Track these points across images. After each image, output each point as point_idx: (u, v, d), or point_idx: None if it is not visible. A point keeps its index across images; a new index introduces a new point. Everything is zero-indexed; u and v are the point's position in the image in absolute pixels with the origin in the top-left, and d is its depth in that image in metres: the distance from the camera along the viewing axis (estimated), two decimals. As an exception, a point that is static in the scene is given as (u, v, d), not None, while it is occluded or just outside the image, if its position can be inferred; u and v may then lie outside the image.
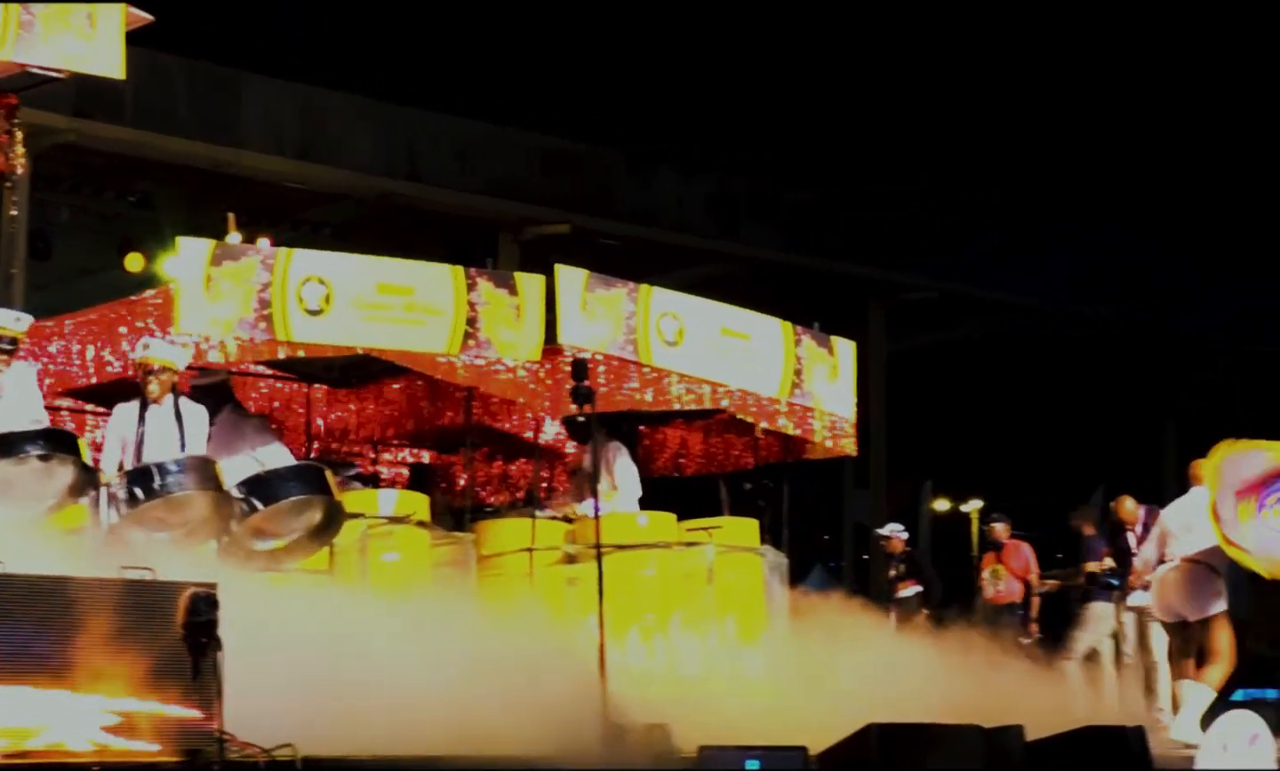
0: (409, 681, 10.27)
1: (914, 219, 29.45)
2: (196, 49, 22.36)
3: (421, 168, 24.48)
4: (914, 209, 29.43)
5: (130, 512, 10.56)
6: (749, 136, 29.14)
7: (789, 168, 28.54)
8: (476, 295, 13.48)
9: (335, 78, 24.17)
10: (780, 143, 29.45)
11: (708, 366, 14.64)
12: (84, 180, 22.94)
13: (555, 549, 13.70)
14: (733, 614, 13.94)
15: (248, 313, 12.62)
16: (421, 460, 16.18)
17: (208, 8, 23.27)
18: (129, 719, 8.41)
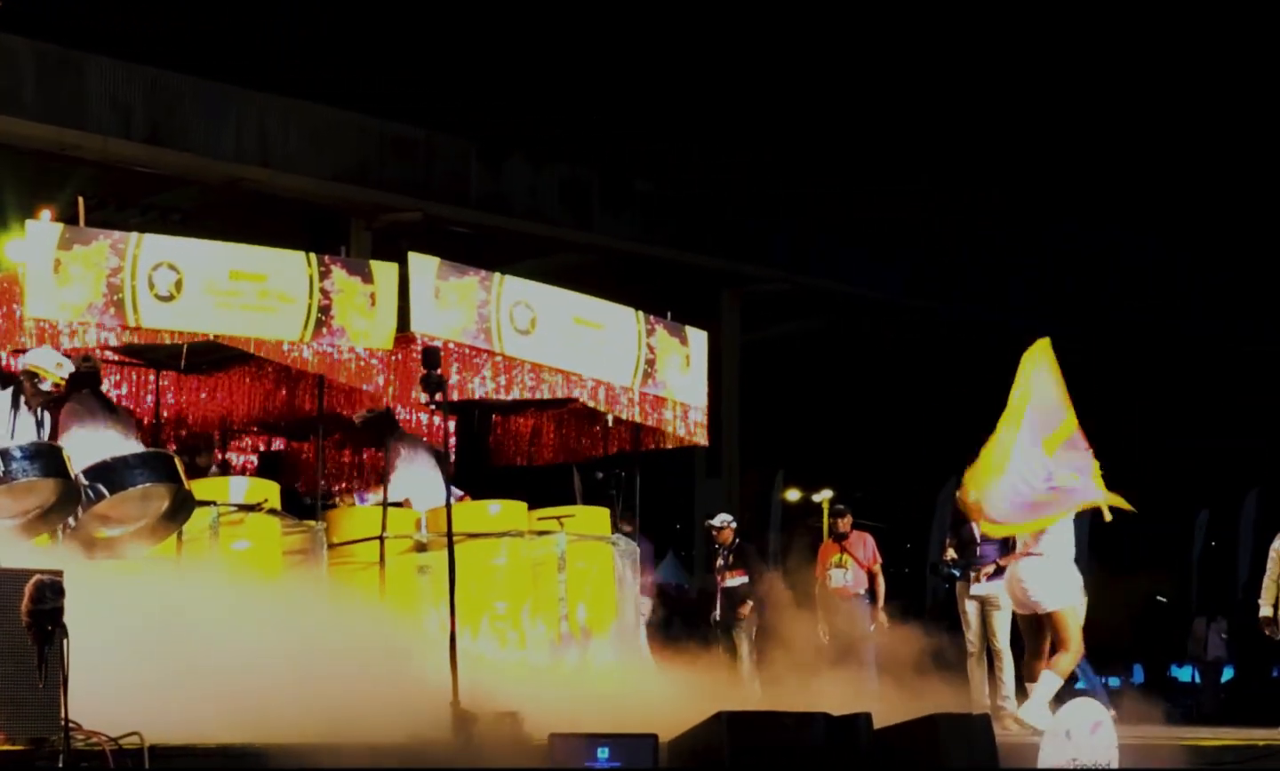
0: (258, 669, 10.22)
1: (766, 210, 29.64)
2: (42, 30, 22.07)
3: (273, 153, 24.34)
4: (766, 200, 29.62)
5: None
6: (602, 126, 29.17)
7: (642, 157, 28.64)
8: (330, 283, 13.41)
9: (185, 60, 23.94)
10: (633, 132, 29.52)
11: (560, 355, 14.63)
12: (-73, 163, 22.61)
13: (406, 536, 13.66)
14: (584, 602, 13.97)
15: (98, 298, 12.50)
16: (272, 448, 16.07)
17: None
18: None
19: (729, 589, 19.21)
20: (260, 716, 9.43)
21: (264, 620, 12.08)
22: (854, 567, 19.28)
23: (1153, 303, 33.48)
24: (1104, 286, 33.53)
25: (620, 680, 13.71)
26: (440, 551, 12.29)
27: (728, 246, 28.97)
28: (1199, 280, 34.27)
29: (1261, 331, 32.89)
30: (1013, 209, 32.31)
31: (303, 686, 9.98)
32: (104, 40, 23.40)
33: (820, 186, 30.34)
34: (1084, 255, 33.33)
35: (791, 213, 29.96)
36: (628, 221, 27.78)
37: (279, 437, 15.99)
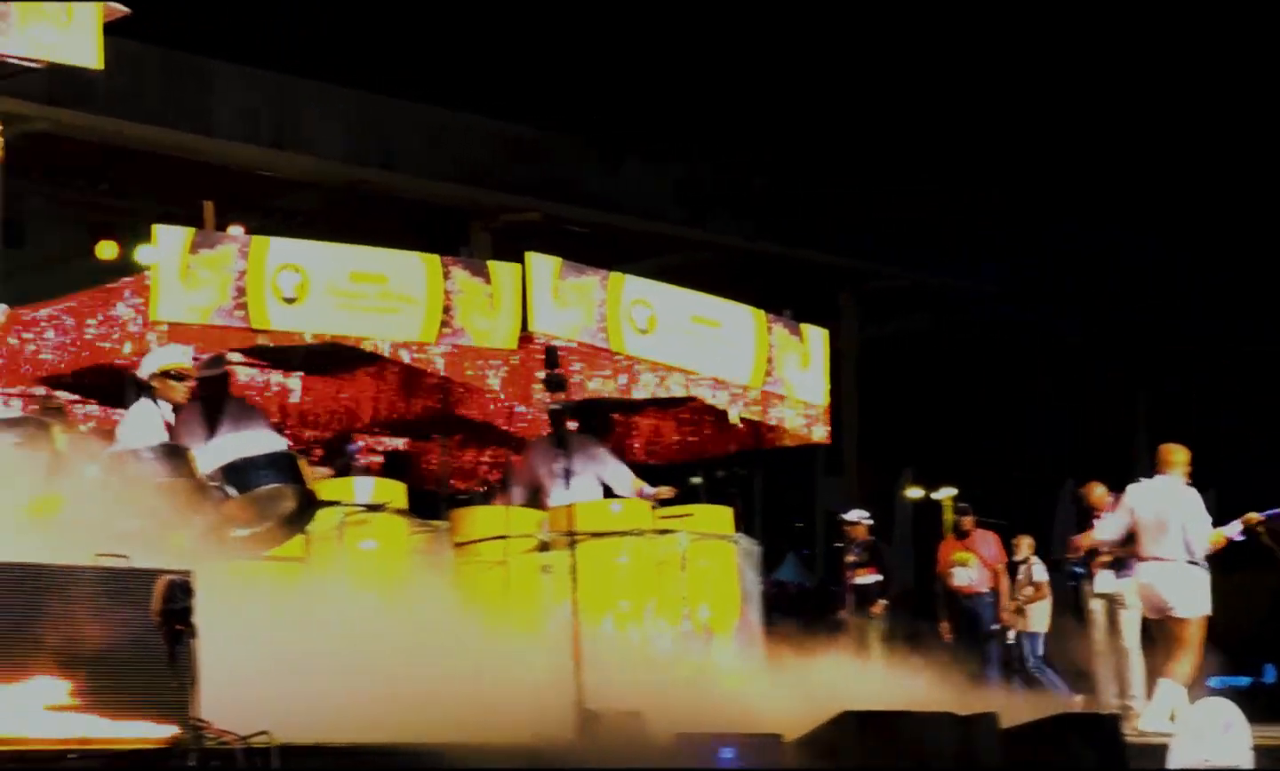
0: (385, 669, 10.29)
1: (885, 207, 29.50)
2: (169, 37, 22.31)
3: (393, 155, 24.48)
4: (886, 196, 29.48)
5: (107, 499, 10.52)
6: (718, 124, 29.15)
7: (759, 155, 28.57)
8: (451, 283, 13.50)
9: (307, 65, 24.13)
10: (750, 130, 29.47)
11: (679, 354, 14.66)
12: (57, 168, 22.88)
13: (529, 536, 13.70)
14: (706, 601, 13.96)
15: (225, 300, 12.63)
16: (396, 448, 16.18)
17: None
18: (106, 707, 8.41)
19: (860, 586, 19.14)
20: (387, 716, 9.50)
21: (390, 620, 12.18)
22: (978, 566, 19.17)
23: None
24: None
25: (744, 679, 13.69)
26: (563, 551, 12.33)
27: (846, 243, 28.86)
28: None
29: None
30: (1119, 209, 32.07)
31: (429, 686, 10.05)
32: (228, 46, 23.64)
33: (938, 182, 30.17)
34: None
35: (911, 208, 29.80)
36: (745, 219, 27.72)
37: (403, 438, 16.10)
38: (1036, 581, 19.57)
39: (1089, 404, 34.34)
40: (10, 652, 8.32)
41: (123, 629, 8.57)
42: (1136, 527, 14.55)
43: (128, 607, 8.62)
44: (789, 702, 12.09)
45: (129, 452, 10.82)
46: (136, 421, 11.57)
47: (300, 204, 24.94)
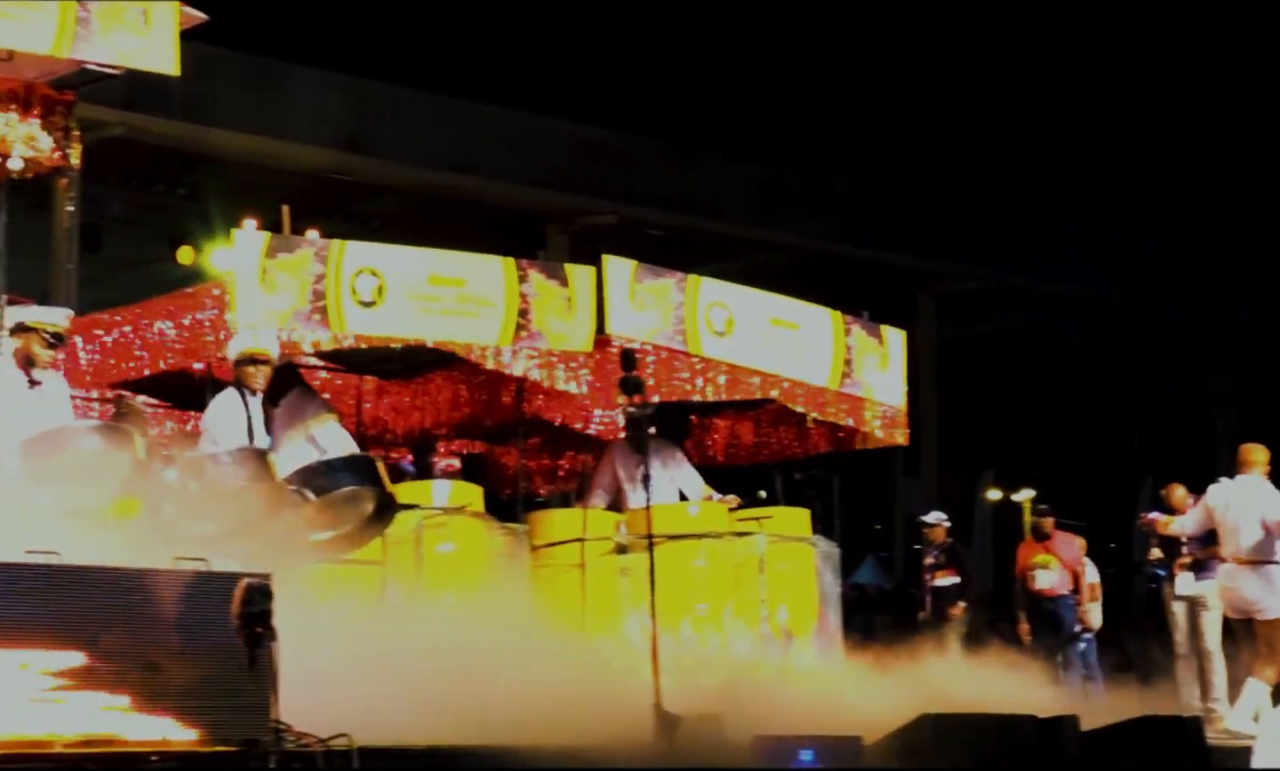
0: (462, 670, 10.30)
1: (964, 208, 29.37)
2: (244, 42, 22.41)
3: (470, 159, 24.52)
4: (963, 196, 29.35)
5: (185, 503, 10.56)
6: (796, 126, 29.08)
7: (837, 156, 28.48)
8: (528, 286, 13.52)
9: (384, 69, 24.20)
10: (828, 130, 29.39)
11: (757, 356, 14.64)
12: (134, 174, 23.04)
13: (607, 539, 13.71)
14: (784, 603, 13.92)
15: (303, 304, 12.67)
16: (474, 451, 16.21)
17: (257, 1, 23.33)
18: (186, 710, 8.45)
19: (939, 588, 19.04)
20: (465, 718, 9.51)
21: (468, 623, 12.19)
22: (1059, 568, 19.05)
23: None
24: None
25: (823, 681, 13.65)
26: (641, 553, 12.30)
27: (924, 244, 28.75)
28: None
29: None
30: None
31: (507, 688, 10.05)
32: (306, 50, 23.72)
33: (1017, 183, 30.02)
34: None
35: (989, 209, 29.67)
36: (823, 221, 27.65)
37: (481, 441, 16.13)
38: (1089, 583, 19.46)
39: (1168, 405, 34.10)
40: (92, 655, 8.37)
41: (203, 632, 8.62)
42: (1217, 528, 14.48)
43: (208, 611, 8.67)
44: (868, 705, 12.04)
45: (208, 456, 10.85)
46: (218, 408, 11.60)
47: (377, 208, 25.02)
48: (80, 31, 11.39)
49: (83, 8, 11.38)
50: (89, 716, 8.29)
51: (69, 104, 11.89)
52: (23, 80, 11.71)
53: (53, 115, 11.81)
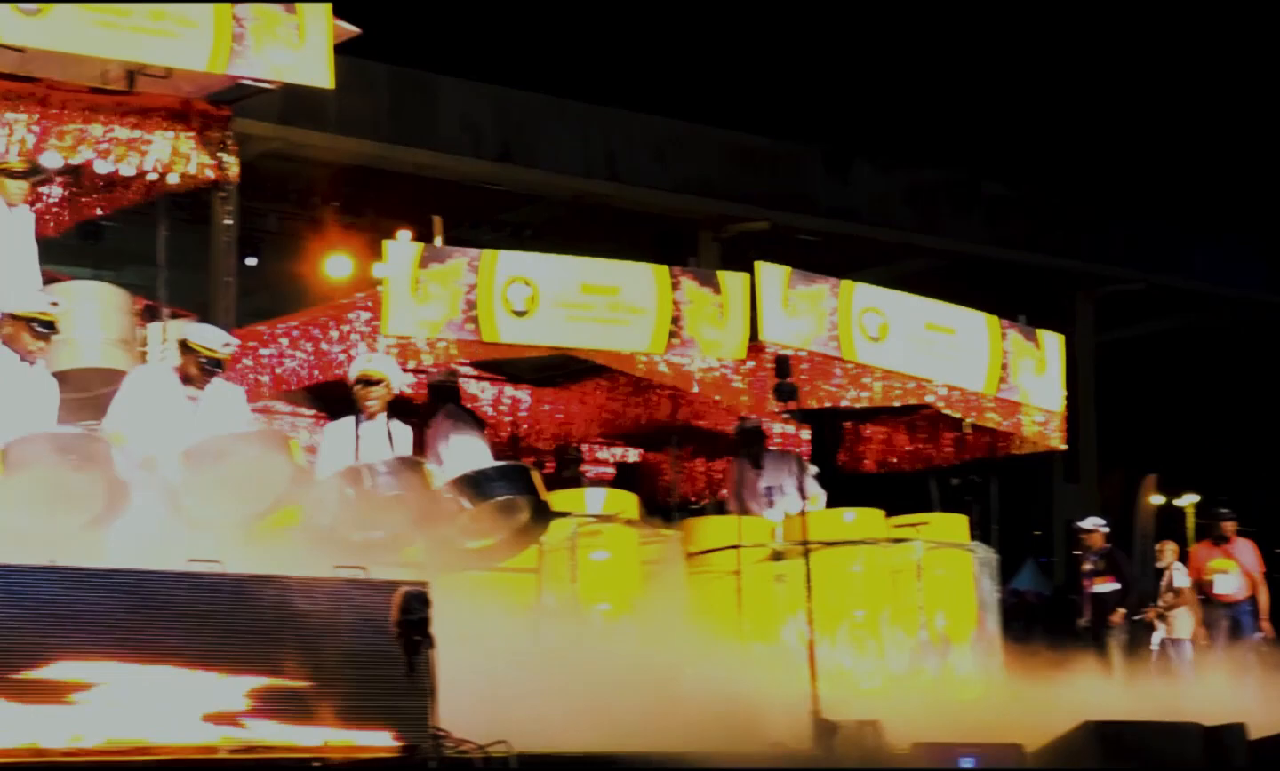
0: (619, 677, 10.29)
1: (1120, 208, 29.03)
2: (398, 54, 22.59)
3: (620, 167, 24.54)
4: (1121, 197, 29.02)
5: (342, 512, 10.64)
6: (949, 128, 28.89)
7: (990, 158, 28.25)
8: (680, 294, 13.52)
9: (533, 79, 24.30)
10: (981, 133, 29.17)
11: (912, 362, 14.57)
12: (290, 187, 23.27)
13: (762, 546, 13.66)
14: (942, 610, 13.81)
15: (455, 314, 12.74)
16: (628, 459, 16.22)
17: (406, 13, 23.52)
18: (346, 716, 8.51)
19: (1098, 594, 18.80)
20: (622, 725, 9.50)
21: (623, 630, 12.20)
22: (1238, 573, 18.76)
23: None
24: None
25: (982, 688, 13.53)
26: (797, 560, 12.26)
27: (1081, 247, 28.43)
28: None
29: None
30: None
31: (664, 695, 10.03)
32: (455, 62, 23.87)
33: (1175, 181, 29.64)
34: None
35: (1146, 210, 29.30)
36: (977, 224, 27.41)
37: (635, 448, 16.14)
38: (1177, 587, 19.19)
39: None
40: (253, 663, 8.45)
41: (362, 639, 8.67)
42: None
43: (366, 618, 8.72)
44: (1028, 712, 11.91)
45: (365, 465, 10.91)
46: (326, 436, 11.69)
47: (529, 217, 25.10)
48: (235, 48, 11.51)
49: (238, 24, 11.49)
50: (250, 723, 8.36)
51: (225, 119, 12.00)
52: (180, 97, 11.84)
53: (210, 131, 11.92)
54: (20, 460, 9.39)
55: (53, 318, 10.29)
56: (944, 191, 27.35)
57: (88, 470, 9.66)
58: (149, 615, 8.38)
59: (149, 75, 11.66)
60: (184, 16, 11.32)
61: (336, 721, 8.53)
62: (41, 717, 8.02)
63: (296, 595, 8.75)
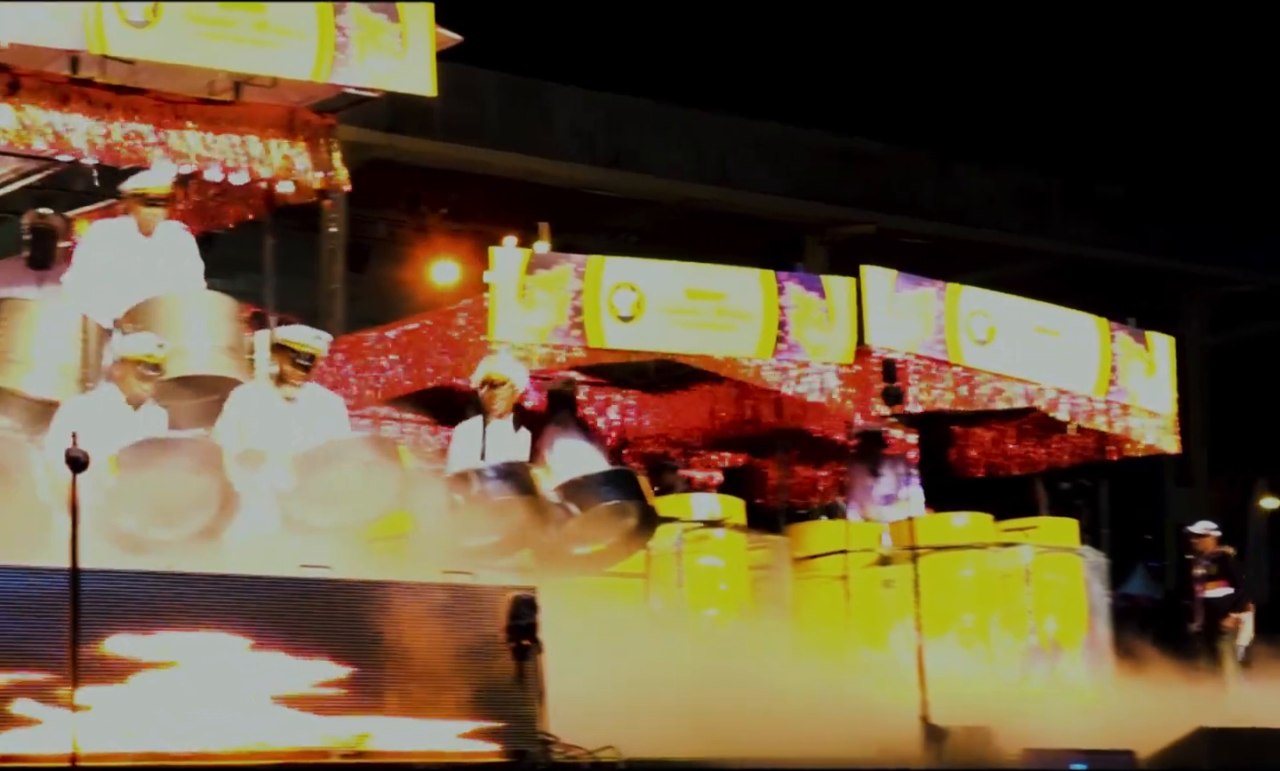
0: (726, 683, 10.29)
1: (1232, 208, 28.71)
2: (504, 61, 22.66)
3: (728, 172, 24.51)
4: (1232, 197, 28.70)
5: (452, 518, 10.68)
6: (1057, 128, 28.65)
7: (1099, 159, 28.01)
8: (786, 298, 13.52)
9: (641, 84, 24.30)
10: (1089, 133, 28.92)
11: (1020, 365, 14.51)
12: (397, 194, 23.39)
13: (870, 551, 13.63)
14: (1052, 615, 13.72)
15: (562, 320, 12.78)
16: (735, 464, 16.21)
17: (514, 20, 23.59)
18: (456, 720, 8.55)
19: (1210, 599, 18.62)
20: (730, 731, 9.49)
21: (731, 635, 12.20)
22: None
23: None
24: None
25: (1093, 694, 13.44)
26: (905, 565, 12.21)
27: (1192, 248, 28.14)
28: None
29: None
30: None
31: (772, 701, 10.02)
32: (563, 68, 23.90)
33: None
34: None
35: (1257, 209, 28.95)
36: (1087, 226, 27.18)
37: (741, 453, 16.12)
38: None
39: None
40: (364, 668, 8.50)
41: (470, 644, 8.71)
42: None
43: (475, 623, 8.76)
44: (1140, 718, 11.81)
45: (474, 471, 10.94)
46: (456, 436, 11.72)
47: (635, 223, 25.11)
48: (338, 57, 11.59)
49: (341, 33, 11.57)
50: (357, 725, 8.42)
51: (331, 128, 12.09)
52: (286, 106, 11.94)
53: (316, 139, 12.01)
54: (133, 465, 9.48)
55: (160, 360, 10.39)
56: (1051, 193, 27.16)
57: (200, 475, 9.75)
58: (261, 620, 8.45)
59: (255, 85, 11.78)
60: (288, 26, 11.42)
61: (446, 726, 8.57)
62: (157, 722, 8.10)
63: (406, 601, 8.80)
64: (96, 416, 10.10)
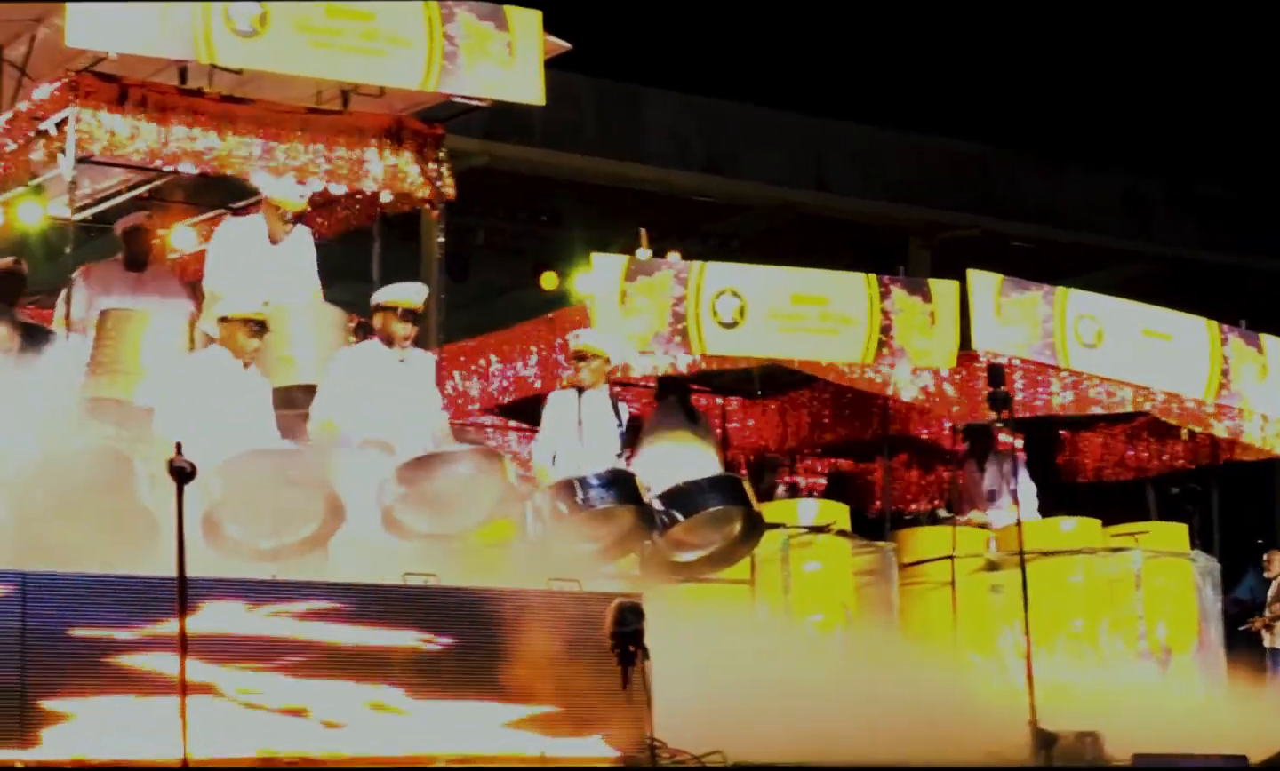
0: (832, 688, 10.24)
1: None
2: (601, 67, 22.65)
3: (827, 176, 24.41)
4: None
5: (555, 525, 10.68)
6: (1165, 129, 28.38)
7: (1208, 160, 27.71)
8: (890, 303, 13.44)
9: (739, 90, 24.25)
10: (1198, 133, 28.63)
11: (1129, 368, 14.37)
12: (497, 202, 23.44)
13: (977, 556, 13.54)
14: (1163, 620, 13.60)
15: (663, 327, 12.75)
16: (839, 470, 16.15)
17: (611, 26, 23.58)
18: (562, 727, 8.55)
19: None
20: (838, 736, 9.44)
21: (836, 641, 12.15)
22: None
23: None
24: None
25: (1204, 699, 13.30)
26: (1013, 570, 12.14)
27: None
28: None
29: None
30: None
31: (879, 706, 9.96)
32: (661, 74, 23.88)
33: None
34: None
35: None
36: (1193, 228, 26.90)
37: (845, 458, 16.06)
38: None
39: None
40: (468, 675, 8.51)
41: (576, 651, 8.71)
42: None
43: (581, 631, 8.76)
44: (1253, 723, 11.68)
45: (577, 479, 10.92)
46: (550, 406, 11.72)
47: (736, 228, 25.06)
48: (447, 66, 11.61)
49: (449, 42, 11.59)
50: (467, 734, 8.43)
51: (438, 137, 12.12)
52: (393, 115, 11.97)
53: (423, 148, 12.04)
54: (239, 475, 9.52)
55: (263, 316, 10.48)
56: (1158, 195, 26.91)
57: (307, 486, 9.78)
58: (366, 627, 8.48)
59: (363, 94, 11.82)
60: (397, 35, 11.45)
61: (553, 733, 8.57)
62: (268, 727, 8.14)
63: (511, 608, 8.81)
64: (206, 375, 10.23)
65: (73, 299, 11.53)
